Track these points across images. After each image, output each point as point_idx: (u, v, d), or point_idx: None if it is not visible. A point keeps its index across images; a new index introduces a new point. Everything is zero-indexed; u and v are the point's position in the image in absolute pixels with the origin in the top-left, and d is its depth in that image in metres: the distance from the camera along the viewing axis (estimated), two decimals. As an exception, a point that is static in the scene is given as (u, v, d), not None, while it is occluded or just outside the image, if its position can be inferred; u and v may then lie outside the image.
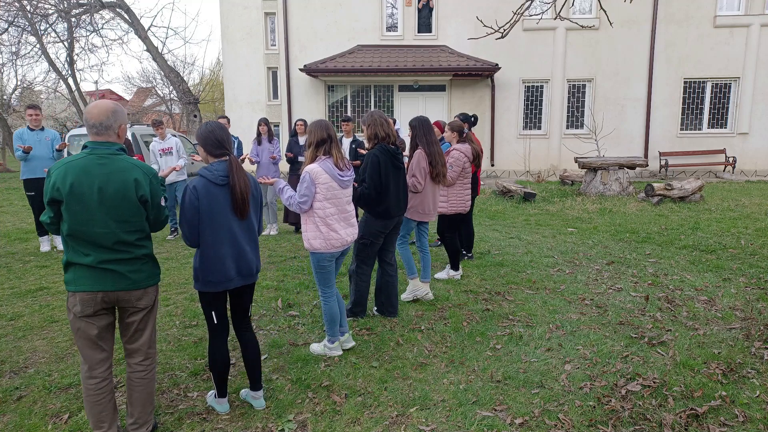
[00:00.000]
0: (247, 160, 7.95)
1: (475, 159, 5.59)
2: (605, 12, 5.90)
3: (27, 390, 3.34)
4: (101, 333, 2.58)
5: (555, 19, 5.82)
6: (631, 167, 11.32)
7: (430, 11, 15.60)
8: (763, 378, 3.36)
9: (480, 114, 14.49)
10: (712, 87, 15.49)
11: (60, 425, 2.96)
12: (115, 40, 34.11)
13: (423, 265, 5.03)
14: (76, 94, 22.75)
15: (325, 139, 3.52)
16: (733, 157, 15.18)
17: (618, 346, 3.90)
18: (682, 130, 15.67)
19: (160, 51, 19.11)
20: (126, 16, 18.67)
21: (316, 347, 3.86)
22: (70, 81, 22.38)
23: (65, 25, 19.86)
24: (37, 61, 31.89)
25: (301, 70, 14.72)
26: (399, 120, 13.19)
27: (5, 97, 24.01)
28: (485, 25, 5.83)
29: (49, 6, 18.57)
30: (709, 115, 15.66)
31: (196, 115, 19.08)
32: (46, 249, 7.10)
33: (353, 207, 3.81)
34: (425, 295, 4.94)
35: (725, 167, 15.38)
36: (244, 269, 2.94)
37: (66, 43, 20.80)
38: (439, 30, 15.58)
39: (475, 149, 5.59)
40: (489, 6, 13.97)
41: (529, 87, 15.75)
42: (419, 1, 15.12)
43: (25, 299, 5.10)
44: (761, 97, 15.23)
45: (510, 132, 15.81)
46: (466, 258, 6.35)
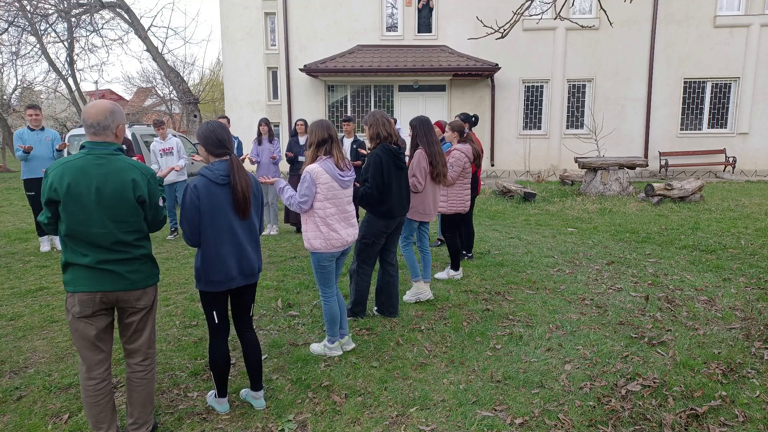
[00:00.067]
0: (248, 160, 7.95)
1: (476, 159, 5.59)
2: (605, 12, 5.90)
3: (27, 390, 3.34)
4: (100, 334, 2.58)
5: (555, 19, 5.82)
6: (631, 167, 11.32)
7: (430, 11, 15.59)
8: (763, 378, 3.36)
9: (480, 114, 14.48)
10: (712, 87, 15.49)
11: (60, 425, 2.96)
12: (115, 40, 34.15)
13: (423, 265, 5.03)
14: (76, 94, 22.75)
15: (326, 139, 3.52)
16: (733, 157, 15.18)
17: (618, 346, 3.90)
18: (682, 130, 15.67)
19: (160, 51, 19.12)
20: (126, 16, 18.67)
21: (316, 347, 3.86)
22: (70, 81, 22.40)
23: (65, 25, 19.87)
24: (37, 61, 31.94)
25: (301, 70, 14.72)
26: (399, 120, 13.19)
27: (5, 97, 24.01)
28: (485, 25, 5.83)
29: (49, 6, 18.57)
30: (709, 115, 15.66)
31: (196, 115, 19.07)
32: (46, 249, 7.11)
33: (353, 207, 3.81)
34: (425, 296, 4.95)
35: (725, 167, 15.38)
36: (246, 269, 2.94)
37: (66, 43, 20.82)
38: (439, 30, 15.58)
39: (475, 149, 5.59)
40: (489, 6, 13.96)
41: (529, 87, 15.76)
42: (419, 1, 15.11)
43: (25, 299, 5.10)
44: (761, 97, 15.23)
45: (510, 132, 15.81)
46: (466, 258, 6.36)
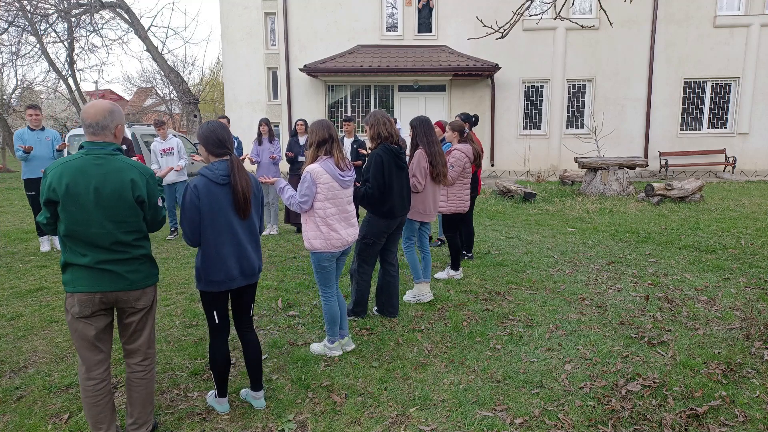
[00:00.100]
0: (248, 160, 7.95)
1: (476, 159, 5.60)
2: (605, 12, 5.90)
3: (27, 390, 3.34)
4: (99, 334, 2.58)
5: (555, 19, 5.82)
6: (631, 167, 11.32)
7: (430, 11, 15.59)
8: (763, 378, 3.36)
9: (480, 114, 14.47)
10: (712, 87, 15.49)
11: (60, 425, 2.96)
12: (115, 40, 34.17)
13: (423, 265, 5.03)
14: (76, 94, 22.75)
15: (327, 139, 3.52)
16: (733, 157, 15.18)
17: (618, 346, 3.90)
18: (682, 130, 15.67)
19: (160, 51, 19.11)
20: (126, 16, 18.67)
21: (316, 347, 3.86)
22: (70, 81, 22.40)
23: (65, 25, 19.87)
24: (37, 61, 31.93)
25: (301, 70, 14.72)
26: (399, 120, 13.19)
27: (5, 97, 24.01)
28: (485, 25, 5.83)
29: (49, 6, 18.57)
30: (709, 115, 15.66)
31: (196, 115, 19.07)
32: (46, 249, 7.11)
33: (354, 207, 3.81)
34: (426, 297, 4.95)
35: (725, 167, 15.38)
36: (247, 269, 2.94)
37: (66, 43, 20.82)
38: (439, 30, 15.58)
39: (475, 149, 5.59)
40: (489, 6, 13.96)
41: (529, 87, 15.75)
42: (419, 1, 15.11)
43: (25, 299, 5.10)
44: (761, 97, 15.23)
45: (510, 132, 15.81)
46: (466, 258, 6.36)
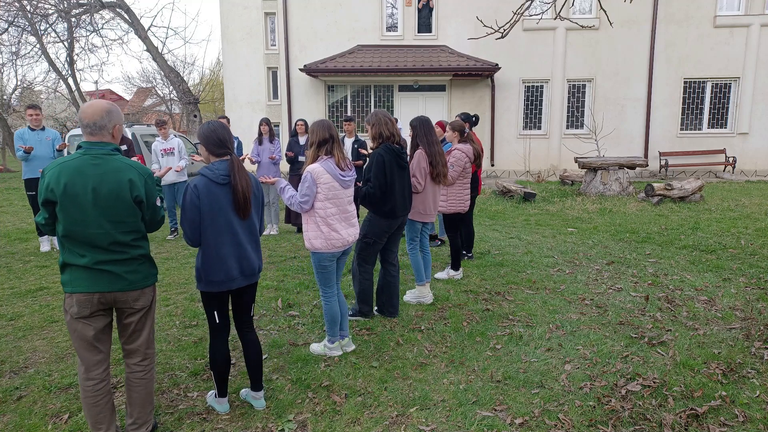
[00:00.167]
0: (248, 160, 7.95)
1: (476, 159, 5.59)
2: (605, 12, 5.90)
3: (27, 390, 3.34)
4: (98, 335, 2.58)
5: (555, 19, 5.82)
6: (631, 167, 11.32)
7: (430, 11, 15.59)
8: (763, 378, 3.36)
9: (480, 114, 14.47)
10: (712, 87, 15.49)
11: (60, 425, 2.96)
12: (115, 40, 34.16)
13: (423, 265, 5.03)
14: (76, 94, 22.75)
15: (327, 138, 3.52)
16: (733, 157, 15.18)
17: (618, 346, 3.90)
18: (682, 130, 15.67)
19: (160, 51, 19.10)
20: (126, 16, 18.66)
21: (316, 347, 3.86)
22: (70, 81, 22.40)
23: (65, 25, 19.85)
24: (37, 61, 31.95)
25: (301, 70, 14.72)
26: (399, 120, 13.19)
27: (5, 97, 24.00)
28: (485, 25, 5.82)
29: (49, 6, 18.56)
30: (709, 115, 15.66)
31: (196, 115, 19.07)
32: (46, 249, 7.11)
33: (354, 207, 3.81)
34: (427, 299, 4.95)
35: (725, 167, 15.38)
36: (247, 269, 2.94)
37: (66, 43, 20.81)
38: (439, 30, 15.58)
39: (476, 149, 5.59)
40: (489, 6, 13.96)
41: (529, 87, 15.75)
42: (419, 1, 15.11)
43: (25, 299, 5.10)
44: (761, 97, 15.23)
45: (510, 132, 15.81)
46: (466, 258, 6.36)
